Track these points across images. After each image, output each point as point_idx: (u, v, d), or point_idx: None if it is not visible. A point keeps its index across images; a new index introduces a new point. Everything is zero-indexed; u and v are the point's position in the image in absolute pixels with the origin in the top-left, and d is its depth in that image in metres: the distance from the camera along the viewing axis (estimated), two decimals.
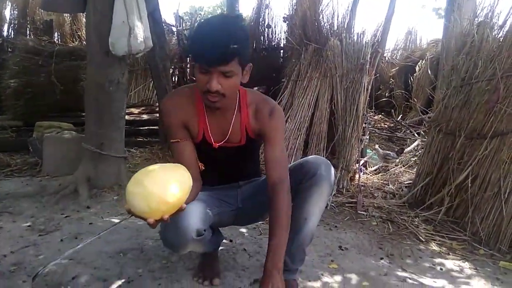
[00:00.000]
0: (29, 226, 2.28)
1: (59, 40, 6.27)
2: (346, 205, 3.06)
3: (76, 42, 6.19)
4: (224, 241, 2.22)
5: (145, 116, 4.92)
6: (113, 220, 2.44)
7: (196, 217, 1.46)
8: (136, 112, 5.09)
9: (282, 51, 5.34)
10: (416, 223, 2.75)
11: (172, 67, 5.30)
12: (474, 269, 2.18)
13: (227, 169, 1.72)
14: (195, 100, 1.58)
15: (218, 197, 1.71)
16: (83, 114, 4.22)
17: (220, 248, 2.05)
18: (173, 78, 5.45)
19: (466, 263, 2.25)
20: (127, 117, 3.86)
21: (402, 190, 3.45)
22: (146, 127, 4.70)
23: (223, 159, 1.65)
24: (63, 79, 4.58)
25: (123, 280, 1.76)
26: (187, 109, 1.56)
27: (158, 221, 1.26)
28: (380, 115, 6.35)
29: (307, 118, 3.57)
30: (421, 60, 6.66)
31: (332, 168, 1.66)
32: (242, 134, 1.60)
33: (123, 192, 2.82)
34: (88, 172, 2.84)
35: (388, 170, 4.00)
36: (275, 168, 1.55)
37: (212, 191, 1.71)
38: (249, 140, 1.62)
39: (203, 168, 1.62)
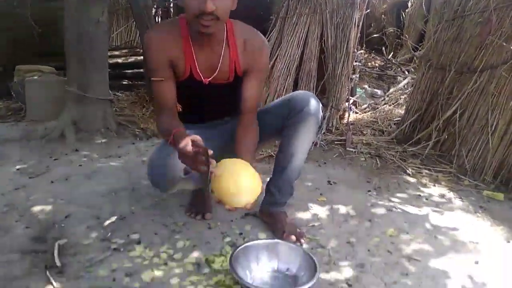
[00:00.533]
0: (18, 169, 2.27)
1: None
2: (336, 143, 3.08)
3: None
4: None
5: (129, 59, 4.76)
6: (102, 162, 2.44)
7: None
8: (120, 54, 4.92)
9: None
10: (403, 157, 2.80)
11: (155, 6, 5.06)
12: (458, 198, 2.26)
13: (213, 107, 1.66)
14: (180, 34, 1.48)
15: (205, 135, 1.68)
16: (64, 57, 4.08)
17: None
18: (156, 18, 5.22)
19: (451, 193, 2.32)
20: (110, 60, 3.74)
21: (391, 127, 3.47)
22: (131, 70, 4.57)
23: (210, 96, 1.59)
24: (41, 22, 4.36)
25: (116, 217, 1.78)
26: (173, 44, 1.47)
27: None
28: (371, 53, 6.24)
29: (297, 57, 3.48)
30: None
31: (320, 104, 1.63)
32: (230, 70, 1.54)
33: (111, 135, 2.82)
34: (74, 116, 2.79)
35: (378, 108, 4.00)
36: (250, 101, 1.56)
37: (198, 129, 1.67)
38: (236, 77, 1.57)
39: (180, 109, 1.58)
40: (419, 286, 1.43)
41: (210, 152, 1.21)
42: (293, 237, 1.63)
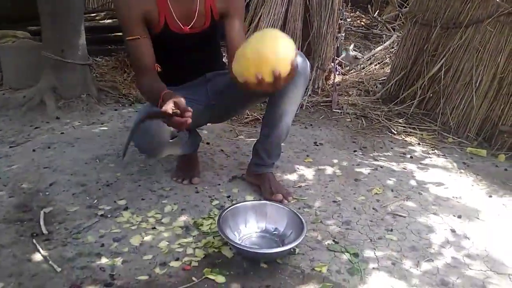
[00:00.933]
0: None
1: None
2: (321, 104, 3.07)
3: None
4: (201, 143, 2.22)
5: (107, 22, 4.58)
6: (85, 129, 2.39)
7: None
8: (97, 17, 4.73)
9: None
10: (389, 117, 2.81)
11: None
12: (442, 155, 2.29)
13: (192, 61, 1.61)
14: None
15: (188, 96, 1.64)
16: (39, 22, 3.91)
17: (198, 150, 2.06)
18: None
19: (435, 150, 2.35)
20: (87, 23, 3.59)
21: (376, 86, 3.46)
22: (110, 34, 4.40)
23: (187, 47, 1.55)
24: None
25: (102, 184, 1.77)
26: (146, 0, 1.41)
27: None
28: (356, 12, 6.12)
29: (281, 15, 3.37)
30: None
31: (307, 62, 1.59)
32: (207, 15, 1.51)
33: (93, 101, 2.75)
34: (52, 82, 2.69)
35: (363, 68, 3.97)
36: (237, 39, 1.53)
37: (180, 90, 1.63)
38: (213, 22, 1.54)
39: (159, 69, 1.54)
40: (403, 241, 1.47)
41: (190, 110, 1.19)
42: (280, 196, 1.65)
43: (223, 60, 1.84)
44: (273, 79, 1.22)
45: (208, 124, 2.03)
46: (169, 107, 1.19)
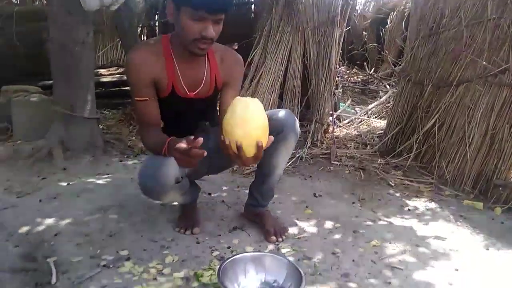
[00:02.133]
0: (5, 189, 2.27)
1: (18, 1, 5.93)
2: (320, 156, 3.15)
3: (37, 2, 5.87)
4: (203, 194, 2.28)
5: (115, 77, 4.80)
6: (90, 180, 2.45)
7: (173, 165, 1.49)
8: (106, 73, 4.96)
9: (253, 5, 5.24)
10: (386, 170, 2.88)
11: (140, 25, 5.13)
12: (440, 208, 2.33)
13: (190, 120, 1.74)
14: (163, 52, 1.56)
15: None
16: (50, 77, 4.10)
17: (200, 201, 2.11)
18: (142, 36, 5.29)
19: (433, 203, 2.40)
20: (95, 78, 3.77)
21: (373, 140, 3.57)
22: (117, 88, 4.60)
23: (190, 109, 1.67)
24: (26, 42, 4.38)
25: (105, 234, 1.80)
26: (156, 63, 1.54)
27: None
28: (354, 69, 6.40)
29: (281, 73, 3.57)
30: (392, 12, 6.66)
31: (297, 121, 1.74)
32: (211, 84, 1.64)
33: (99, 153, 2.83)
34: (61, 135, 2.80)
35: (361, 122, 4.10)
36: (228, 103, 1.60)
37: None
38: (215, 91, 1.68)
39: (162, 125, 1.66)
40: None
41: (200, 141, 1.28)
42: (274, 238, 1.78)
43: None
44: (256, 150, 1.28)
45: (210, 175, 2.12)
46: (183, 143, 1.29)
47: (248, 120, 1.26)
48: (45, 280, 1.46)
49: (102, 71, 4.89)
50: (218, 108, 1.84)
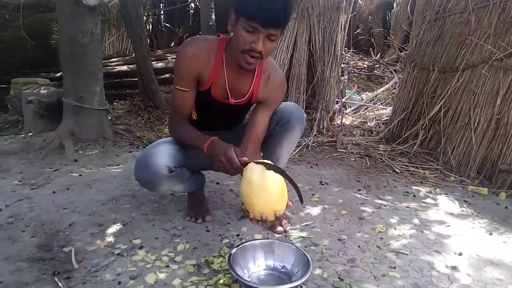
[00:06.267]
0: (19, 181, 2.34)
1: None
2: (326, 144, 3.18)
3: None
4: (211, 183, 2.33)
5: (122, 68, 4.84)
6: (101, 171, 2.51)
7: (164, 156, 1.58)
8: (113, 64, 4.99)
9: None
10: (392, 156, 2.91)
11: (145, 14, 5.13)
12: (444, 194, 2.36)
13: (216, 121, 1.78)
14: (216, 52, 1.58)
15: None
16: (59, 68, 4.14)
17: (208, 190, 2.16)
18: (147, 25, 5.30)
19: (438, 189, 2.43)
20: (103, 69, 3.81)
21: (379, 126, 3.58)
22: (124, 79, 4.64)
23: (216, 111, 1.71)
24: (34, 33, 4.42)
25: (118, 224, 1.86)
26: (206, 59, 1.57)
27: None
28: (359, 54, 6.36)
29: (287, 61, 3.58)
30: None
31: (304, 114, 1.77)
32: (246, 97, 1.66)
33: (109, 144, 2.89)
34: (71, 126, 2.86)
35: (367, 109, 4.11)
36: (260, 131, 1.67)
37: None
38: (249, 103, 1.70)
39: (195, 117, 1.68)
40: (406, 278, 1.53)
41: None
42: (280, 229, 1.81)
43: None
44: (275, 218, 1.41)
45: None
46: (231, 152, 1.43)
47: (265, 189, 1.35)
48: (63, 268, 1.52)
49: (108, 61, 4.92)
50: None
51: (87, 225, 1.84)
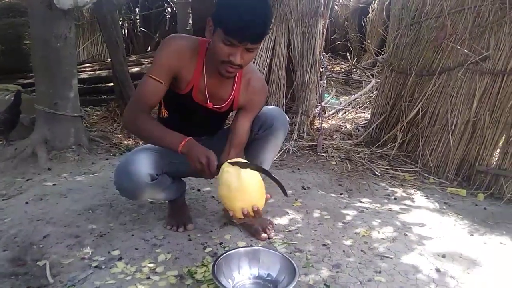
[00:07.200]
0: None
1: None
2: (307, 148, 3.18)
3: None
4: (192, 190, 2.28)
5: (97, 73, 4.72)
6: (77, 179, 2.42)
7: (146, 163, 1.53)
8: (88, 69, 4.87)
9: None
10: (372, 159, 2.92)
11: (121, 18, 5.03)
12: (424, 196, 2.39)
13: (196, 125, 1.72)
14: (197, 57, 1.54)
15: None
16: (30, 74, 4.01)
17: (189, 198, 2.11)
18: (123, 30, 5.20)
19: (418, 191, 2.45)
20: (78, 75, 3.71)
21: (358, 130, 3.61)
22: (100, 84, 4.53)
23: (197, 115, 1.67)
24: (4, 38, 4.28)
25: (95, 235, 1.79)
26: (187, 61, 1.53)
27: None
28: (336, 59, 6.43)
29: (266, 65, 3.57)
30: (374, 1, 6.69)
31: (287, 118, 1.76)
32: (228, 103, 1.63)
33: (84, 152, 2.80)
34: (44, 134, 2.75)
35: (345, 112, 4.14)
36: (242, 136, 1.65)
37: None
38: (230, 109, 1.67)
39: (166, 115, 1.64)
40: (392, 282, 1.52)
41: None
42: (265, 235, 1.78)
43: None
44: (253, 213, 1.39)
45: None
46: (212, 155, 1.41)
47: (244, 190, 1.35)
48: (37, 283, 1.45)
49: (83, 67, 4.80)
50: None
51: (62, 237, 1.76)
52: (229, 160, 1.41)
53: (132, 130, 1.64)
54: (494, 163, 2.51)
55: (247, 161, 1.42)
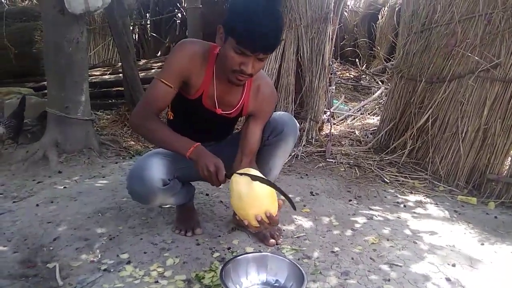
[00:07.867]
0: (1, 194, 2.25)
1: (7, 1, 5.86)
2: (316, 154, 3.17)
3: (26, 2, 5.80)
4: (200, 195, 2.29)
5: (108, 77, 4.77)
6: (87, 183, 2.44)
7: (158, 169, 1.54)
8: (98, 73, 4.92)
9: None
10: (381, 166, 2.91)
11: (132, 23, 5.09)
12: (434, 204, 2.36)
13: (204, 131, 1.73)
14: (208, 60, 1.55)
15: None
16: (42, 78, 4.06)
17: (198, 202, 2.11)
18: (134, 35, 5.25)
19: (427, 199, 2.43)
20: (89, 79, 3.75)
21: (367, 136, 3.59)
22: (110, 89, 4.57)
23: (205, 121, 1.67)
24: (17, 42, 4.33)
25: (104, 238, 1.80)
26: (198, 66, 1.53)
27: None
28: (345, 65, 6.42)
29: (275, 71, 3.58)
30: (383, 7, 6.69)
31: (297, 124, 1.76)
32: (237, 109, 1.63)
33: (94, 155, 2.82)
34: (55, 137, 2.78)
35: (354, 119, 4.13)
36: (254, 144, 1.65)
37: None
38: (239, 115, 1.68)
39: (171, 117, 1.66)
40: None
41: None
42: (273, 241, 1.77)
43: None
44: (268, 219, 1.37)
45: None
46: (220, 163, 1.41)
47: (255, 196, 1.35)
48: (46, 285, 1.46)
49: (94, 71, 4.85)
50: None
51: (72, 240, 1.78)
52: (237, 171, 1.41)
53: (141, 132, 1.64)
54: (505, 171, 2.48)
55: (255, 174, 1.40)
